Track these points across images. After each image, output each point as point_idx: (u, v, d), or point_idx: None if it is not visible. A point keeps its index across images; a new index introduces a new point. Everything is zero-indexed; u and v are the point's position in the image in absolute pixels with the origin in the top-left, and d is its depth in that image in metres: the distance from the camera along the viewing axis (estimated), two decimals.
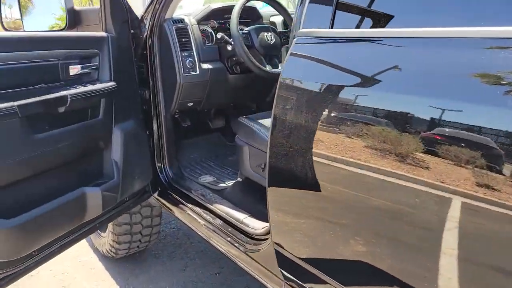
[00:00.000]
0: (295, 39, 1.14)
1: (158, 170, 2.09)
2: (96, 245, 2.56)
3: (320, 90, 1.04)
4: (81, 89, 1.48)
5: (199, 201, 1.91)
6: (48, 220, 1.39)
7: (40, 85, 1.39)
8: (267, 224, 1.57)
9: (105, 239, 2.39)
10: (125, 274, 2.43)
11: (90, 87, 1.52)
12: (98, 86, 1.56)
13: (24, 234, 1.32)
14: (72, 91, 1.44)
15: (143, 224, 2.34)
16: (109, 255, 2.44)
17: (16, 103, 1.24)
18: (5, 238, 1.26)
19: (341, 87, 0.99)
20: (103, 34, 1.65)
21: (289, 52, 1.13)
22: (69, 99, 1.42)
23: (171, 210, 2.06)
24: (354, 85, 0.97)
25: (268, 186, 1.22)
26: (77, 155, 1.53)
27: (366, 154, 0.90)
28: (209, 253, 2.60)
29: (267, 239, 1.46)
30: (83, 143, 1.54)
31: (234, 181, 2.01)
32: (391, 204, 0.90)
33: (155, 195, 2.13)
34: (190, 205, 1.93)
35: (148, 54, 1.92)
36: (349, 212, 1.03)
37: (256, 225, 1.62)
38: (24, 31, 1.95)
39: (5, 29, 1.88)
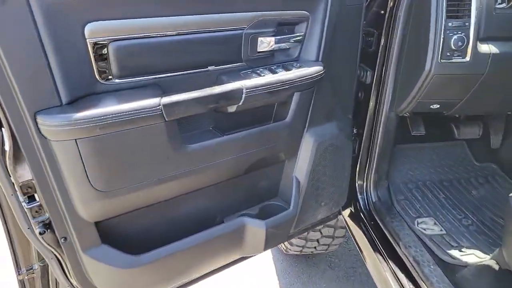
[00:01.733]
0: None
1: (357, 188, 1.45)
2: None
3: None
4: (266, 78, 0.92)
5: (408, 267, 1.19)
6: (191, 257, 1.01)
7: (210, 67, 0.91)
8: None
9: None
10: (291, 276, 2.06)
11: (281, 75, 0.95)
12: (295, 73, 0.97)
13: (159, 274, 0.97)
14: (251, 82, 0.90)
15: (323, 233, 1.85)
16: (280, 247, 2.10)
17: (162, 100, 0.79)
18: (133, 278, 0.93)
19: None
20: None
21: None
22: (243, 95, 0.89)
23: (358, 245, 1.45)
24: None
25: None
26: (243, 171, 1.05)
27: None
28: None
29: None
30: (255, 156, 1.03)
31: (482, 259, 1.16)
32: None
33: (345, 213, 1.53)
34: (390, 262, 1.25)
35: (387, 17, 1.17)
36: None
37: None
38: None
39: None
